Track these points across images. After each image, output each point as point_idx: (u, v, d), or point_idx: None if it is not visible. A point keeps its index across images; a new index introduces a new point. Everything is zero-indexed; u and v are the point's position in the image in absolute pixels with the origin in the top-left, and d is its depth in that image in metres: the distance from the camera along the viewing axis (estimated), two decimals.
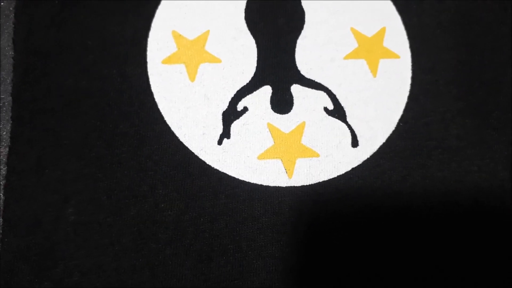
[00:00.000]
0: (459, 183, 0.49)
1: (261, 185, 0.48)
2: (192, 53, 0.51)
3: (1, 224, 0.45)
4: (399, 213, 0.47)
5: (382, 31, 0.53)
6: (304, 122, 0.50)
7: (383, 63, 0.52)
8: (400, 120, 0.50)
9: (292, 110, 0.50)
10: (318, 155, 0.49)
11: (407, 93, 0.51)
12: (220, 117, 0.49)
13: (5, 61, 0.50)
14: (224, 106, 0.50)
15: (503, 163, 0.50)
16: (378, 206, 0.47)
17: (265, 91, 0.51)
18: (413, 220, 0.47)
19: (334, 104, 0.50)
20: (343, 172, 0.48)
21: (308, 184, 0.48)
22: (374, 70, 0.51)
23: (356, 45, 0.52)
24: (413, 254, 0.46)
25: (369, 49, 0.52)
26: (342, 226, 0.47)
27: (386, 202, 0.47)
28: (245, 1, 0.53)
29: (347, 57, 0.52)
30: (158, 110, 0.49)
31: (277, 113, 0.50)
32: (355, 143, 0.49)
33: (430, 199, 0.48)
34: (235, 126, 0.49)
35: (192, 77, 0.50)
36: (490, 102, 0.52)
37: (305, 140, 0.49)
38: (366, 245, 0.46)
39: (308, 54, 0.52)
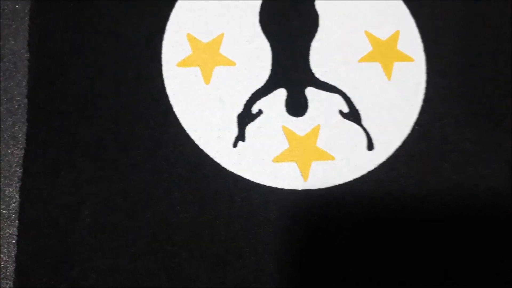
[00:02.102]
0: (475, 187, 0.48)
1: (276, 188, 0.47)
2: (207, 56, 0.51)
3: (17, 226, 0.45)
4: (415, 217, 0.47)
5: (396, 34, 0.53)
6: (319, 125, 0.50)
7: (397, 66, 0.52)
8: (416, 123, 0.50)
9: (307, 113, 0.50)
10: (333, 158, 0.48)
11: (422, 96, 0.51)
12: (235, 120, 0.49)
13: (20, 63, 0.50)
14: (239, 109, 0.50)
15: None
16: (394, 209, 0.47)
17: (280, 94, 0.51)
18: (429, 223, 0.47)
19: (349, 107, 0.50)
20: (359, 176, 0.48)
21: (323, 187, 0.48)
22: (388, 73, 0.51)
23: (370, 48, 0.52)
24: (429, 257, 0.46)
25: (384, 52, 0.52)
26: (358, 230, 0.46)
27: (402, 206, 0.47)
28: (259, 4, 0.53)
29: (361, 60, 0.52)
30: (173, 112, 0.49)
31: (292, 116, 0.50)
32: (370, 146, 0.49)
33: (446, 203, 0.48)
34: (250, 128, 0.49)
35: (207, 80, 0.50)
36: (505, 105, 0.52)
37: (320, 143, 0.49)
38: (383, 248, 0.46)
39: (322, 57, 0.52)
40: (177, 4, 0.52)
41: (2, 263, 0.44)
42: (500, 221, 0.48)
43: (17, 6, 0.52)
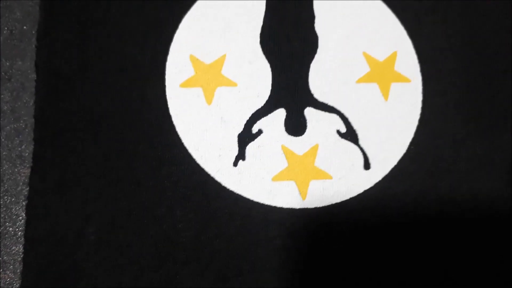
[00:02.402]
0: (471, 205, 0.50)
1: (275, 206, 0.49)
2: (209, 77, 0.52)
3: (22, 243, 0.47)
4: (412, 235, 0.48)
5: (394, 55, 0.54)
6: (317, 145, 0.51)
7: (394, 87, 0.53)
8: (411, 143, 0.51)
9: (305, 133, 0.51)
10: (331, 177, 0.50)
11: (418, 116, 0.52)
12: (236, 139, 0.51)
13: (27, 84, 0.52)
14: (240, 128, 0.51)
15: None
16: (391, 228, 0.48)
17: (280, 114, 0.52)
18: (425, 242, 0.48)
19: (346, 127, 0.51)
20: (356, 194, 0.49)
21: (321, 206, 0.49)
22: (385, 94, 0.53)
23: (368, 69, 0.53)
24: (425, 274, 0.47)
25: (381, 73, 0.53)
26: (355, 248, 0.48)
27: (398, 225, 0.48)
28: (260, 26, 0.54)
29: (359, 81, 0.53)
30: (176, 132, 0.50)
31: (291, 135, 0.51)
32: (367, 165, 0.50)
33: (442, 221, 0.49)
34: (250, 148, 0.51)
35: (209, 100, 0.52)
36: (500, 125, 0.53)
37: (318, 162, 0.50)
38: (380, 266, 0.47)
39: (321, 78, 0.53)
40: (181, 26, 0.54)
41: (8, 279, 0.45)
42: (497, 241, 0.49)
43: (24, 27, 0.54)
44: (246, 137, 0.51)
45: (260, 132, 0.51)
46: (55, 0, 0.54)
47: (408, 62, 0.54)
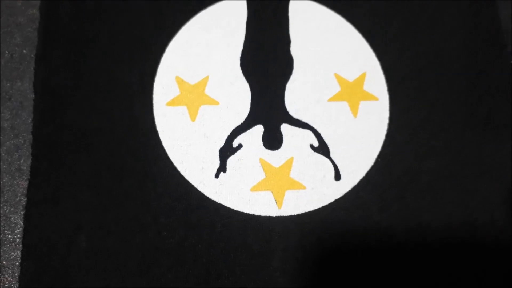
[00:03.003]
0: (434, 214, 0.54)
1: (253, 215, 0.53)
2: (193, 96, 0.57)
3: (20, 249, 0.50)
4: (379, 241, 0.53)
5: (363, 76, 0.59)
6: (292, 158, 0.55)
7: (363, 105, 0.58)
8: (379, 156, 0.56)
9: (281, 147, 0.56)
10: (304, 188, 0.54)
11: (384, 132, 0.57)
12: (218, 153, 0.55)
13: (26, 103, 0.56)
14: (221, 143, 0.55)
15: (473, 195, 0.55)
16: (359, 234, 0.52)
17: (258, 130, 0.56)
18: (391, 247, 0.52)
19: (319, 142, 0.56)
20: (327, 203, 0.54)
21: (295, 214, 0.53)
22: (355, 111, 0.57)
23: (339, 88, 0.58)
24: (391, 277, 0.51)
25: (351, 92, 0.58)
26: (325, 253, 0.52)
27: (366, 231, 0.53)
28: (240, 50, 0.59)
29: (331, 99, 0.58)
30: (162, 147, 0.55)
31: (268, 149, 0.56)
32: (338, 176, 0.55)
33: (407, 228, 0.53)
34: (230, 161, 0.55)
35: (193, 118, 0.56)
36: (461, 140, 0.57)
37: (293, 174, 0.55)
38: (350, 268, 0.51)
39: (296, 97, 0.58)
40: (167, 50, 0.59)
41: (7, 283, 0.49)
42: (459, 245, 0.53)
43: (24, 51, 0.58)
44: (227, 151, 0.55)
45: (240, 146, 0.56)
46: (52, 28, 0.59)
47: (376, 82, 0.59)
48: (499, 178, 0.55)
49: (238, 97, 0.57)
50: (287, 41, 0.60)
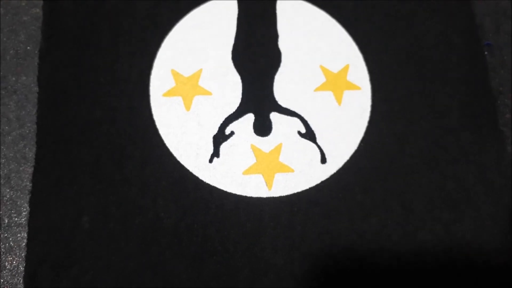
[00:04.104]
0: (414, 194, 0.57)
1: (245, 196, 0.56)
2: (188, 88, 0.61)
3: (27, 231, 0.54)
4: (362, 220, 0.56)
5: (346, 68, 0.63)
6: (281, 143, 0.59)
7: (347, 94, 0.62)
8: (361, 141, 0.59)
9: (271, 134, 0.60)
10: (293, 171, 0.58)
11: (367, 119, 0.61)
12: (211, 140, 0.59)
13: (31, 96, 0.60)
14: (215, 130, 0.59)
15: (451, 177, 0.59)
16: (343, 212, 0.56)
17: (249, 118, 0.60)
18: (374, 226, 0.56)
19: (306, 128, 0.60)
20: (314, 185, 0.57)
21: (285, 195, 0.57)
22: (339, 100, 0.61)
23: (324, 79, 0.62)
24: (373, 251, 0.55)
25: (335, 83, 0.62)
26: (312, 231, 0.55)
27: (350, 210, 0.56)
28: (232, 44, 0.63)
29: (317, 89, 0.62)
30: (159, 135, 0.58)
31: (259, 136, 0.59)
32: (323, 160, 0.59)
33: (388, 208, 0.57)
34: (223, 147, 0.59)
35: (187, 107, 0.60)
36: (439, 126, 0.61)
37: (282, 158, 0.59)
38: (334, 246, 0.55)
39: (284, 87, 0.62)
40: (163, 45, 0.62)
41: (14, 262, 0.53)
42: (433, 219, 0.57)
43: (28, 48, 0.62)
44: (220, 138, 0.59)
45: (232, 133, 0.59)
46: (54, 26, 0.62)
47: (359, 73, 0.63)
48: (475, 161, 0.59)
49: (230, 88, 0.61)
50: (275, 36, 0.64)
